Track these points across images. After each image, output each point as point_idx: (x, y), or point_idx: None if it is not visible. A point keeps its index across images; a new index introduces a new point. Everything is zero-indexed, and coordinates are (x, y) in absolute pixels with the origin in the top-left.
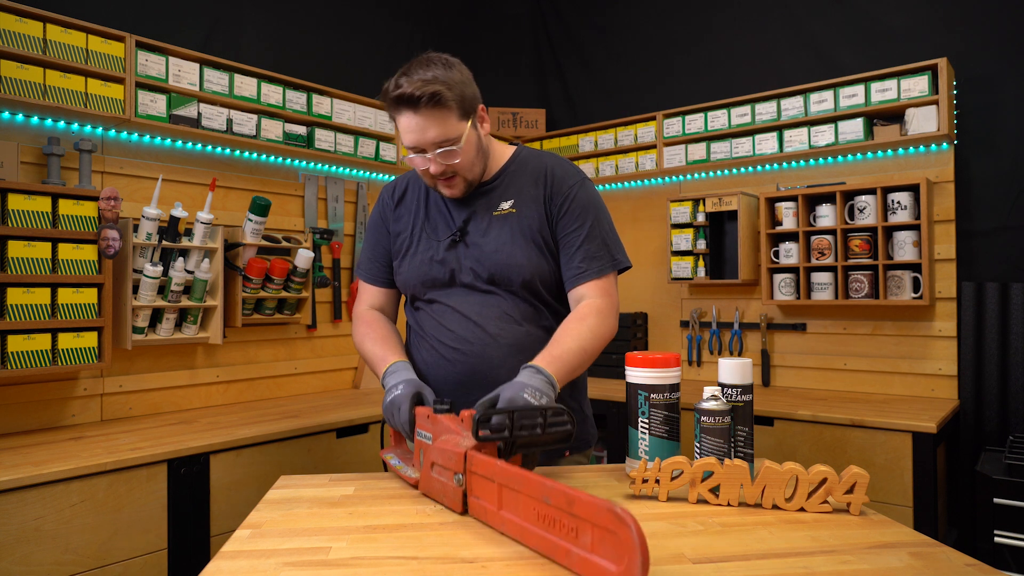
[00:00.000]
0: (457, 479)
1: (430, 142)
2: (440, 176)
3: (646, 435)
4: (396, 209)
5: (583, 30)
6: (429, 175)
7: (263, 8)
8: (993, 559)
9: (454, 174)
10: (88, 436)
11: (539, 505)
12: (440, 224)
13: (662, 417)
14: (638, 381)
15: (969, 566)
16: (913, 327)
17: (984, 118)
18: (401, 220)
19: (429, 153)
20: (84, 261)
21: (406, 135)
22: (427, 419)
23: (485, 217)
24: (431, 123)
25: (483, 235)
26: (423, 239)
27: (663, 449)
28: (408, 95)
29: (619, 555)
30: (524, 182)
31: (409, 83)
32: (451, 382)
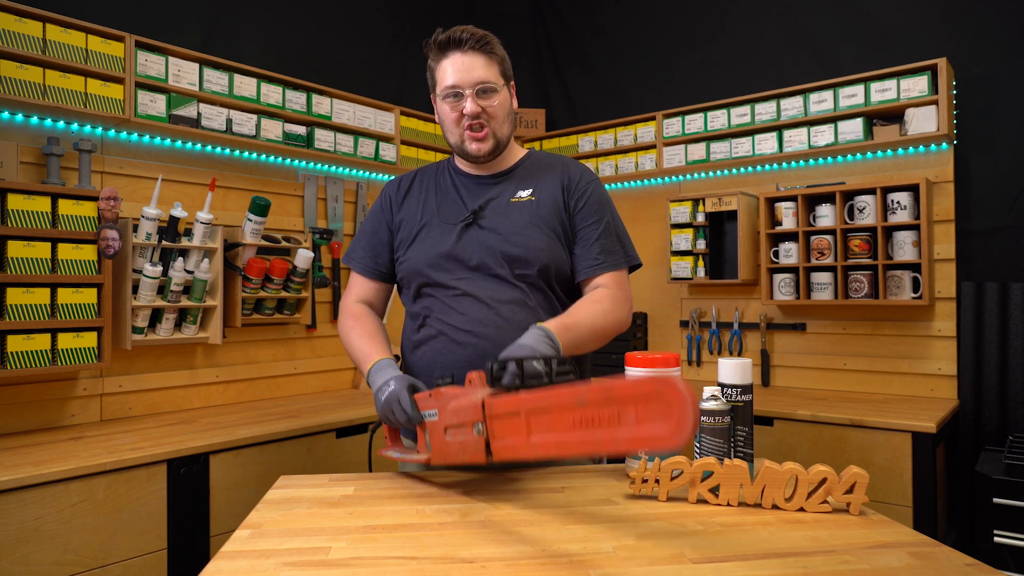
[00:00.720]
0: (477, 428)
1: (473, 81)
2: (474, 120)
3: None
4: (403, 201)
5: (583, 30)
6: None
7: (263, 8)
8: (993, 559)
9: (485, 124)
10: (88, 436)
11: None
12: (454, 210)
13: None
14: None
15: (969, 566)
16: (913, 327)
17: (984, 118)
18: (408, 209)
19: (468, 91)
20: (84, 261)
21: (449, 75)
22: (430, 397)
23: (502, 203)
24: (477, 64)
25: (501, 219)
26: (435, 224)
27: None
28: (459, 36)
29: (667, 415)
30: (541, 174)
31: (460, 29)
32: (461, 366)
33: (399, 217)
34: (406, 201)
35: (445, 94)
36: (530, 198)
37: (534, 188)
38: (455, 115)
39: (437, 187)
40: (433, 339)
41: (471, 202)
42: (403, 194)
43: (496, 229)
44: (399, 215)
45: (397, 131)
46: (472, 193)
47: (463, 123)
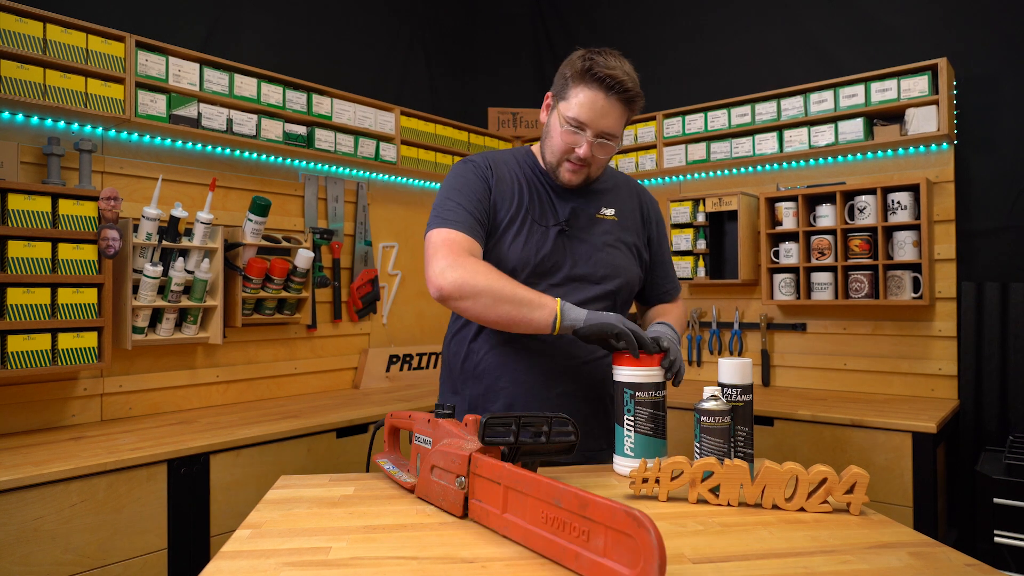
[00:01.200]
0: (459, 482)
1: (601, 129)
2: (582, 161)
3: (631, 432)
4: (497, 182)
5: (583, 30)
6: (570, 153)
7: (263, 8)
8: (993, 559)
9: (585, 165)
10: (88, 436)
11: (548, 508)
12: (545, 212)
13: (647, 415)
14: (624, 379)
15: (969, 566)
16: (913, 327)
17: (984, 118)
18: (500, 193)
19: (590, 136)
20: (84, 261)
21: (582, 109)
22: (427, 423)
23: (588, 216)
24: (614, 114)
25: (590, 232)
26: (527, 222)
27: (648, 447)
28: (620, 82)
29: (634, 559)
30: (619, 193)
31: (621, 70)
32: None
33: (494, 199)
34: (498, 185)
35: (570, 123)
36: (613, 217)
37: (616, 208)
38: (565, 145)
39: (524, 181)
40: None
41: (560, 208)
42: (494, 175)
43: (586, 241)
44: (494, 197)
45: (397, 131)
46: (560, 199)
47: (567, 155)
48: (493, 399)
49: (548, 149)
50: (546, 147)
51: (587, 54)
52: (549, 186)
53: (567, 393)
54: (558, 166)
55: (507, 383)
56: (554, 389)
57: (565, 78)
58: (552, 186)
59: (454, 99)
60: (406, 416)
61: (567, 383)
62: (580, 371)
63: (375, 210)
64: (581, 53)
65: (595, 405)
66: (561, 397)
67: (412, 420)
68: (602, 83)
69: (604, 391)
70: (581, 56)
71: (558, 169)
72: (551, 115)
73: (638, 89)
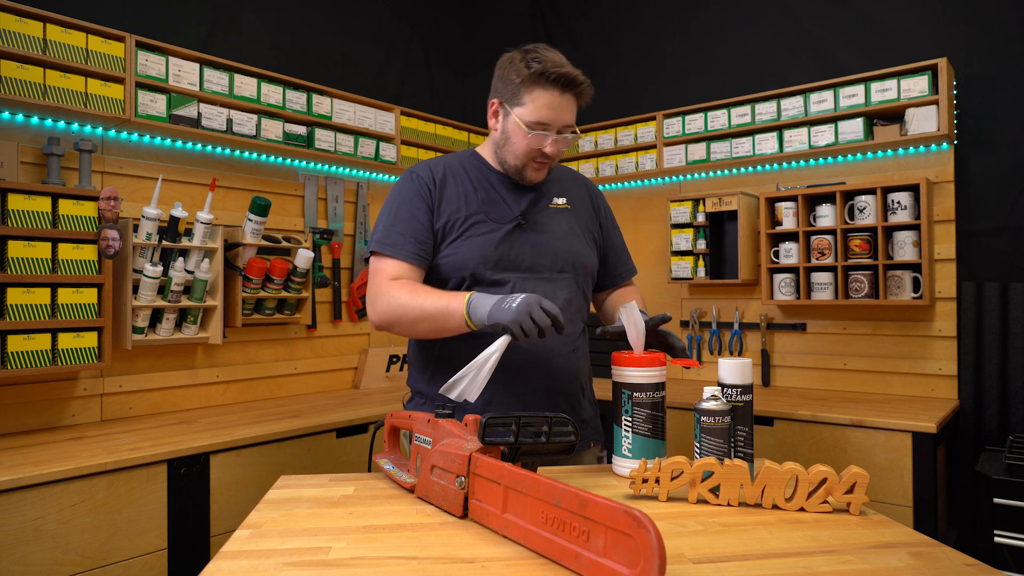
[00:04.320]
0: (459, 482)
1: (563, 123)
2: (551, 158)
3: (629, 433)
4: (443, 192)
5: (583, 29)
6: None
7: (263, 8)
8: (993, 559)
9: (552, 160)
10: (88, 436)
11: (548, 508)
12: (500, 208)
13: (645, 415)
14: (622, 380)
15: (969, 566)
16: (913, 327)
17: (984, 118)
18: (449, 200)
19: (553, 134)
20: (84, 261)
21: (544, 110)
22: (427, 423)
23: (542, 208)
24: (571, 108)
25: (545, 224)
26: (483, 221)
27: (646, 447)
28: (572, 77)
29: (634, 559)
30: (568, 184)
31: (568, 66)
32: (512, 367)
33: (442, 209)
34: (445, 191)
35: (533, 127)
36: (566, 205)
37: (567, 197)
38: (531, 148)
39: (472, 182)
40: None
41: (514, 203)
42: (439, 183)
43: (544, 232)
44: (442, 207)
45: (397, 131)
46: (512, 195)
47: (535, 156)
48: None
49: (510, 153)
50: (506, 152)
51: (528, 56)
52: (500, 184)
53: (544, 387)
54: (524, 167)
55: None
56: (531, 383)
57: (514, 83)
58: (503, 184)
59: (454, 99)
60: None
61: (543, 377)
62: (554, 364)
63: (375, 210)
64: (520, 55)
65: (568, 397)
66: (539, 391)
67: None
68: (557, 83)
69: (576, 382)
70: (522, 59)
71: (524, 170)
72: (505, 121)
73: (587, 79)
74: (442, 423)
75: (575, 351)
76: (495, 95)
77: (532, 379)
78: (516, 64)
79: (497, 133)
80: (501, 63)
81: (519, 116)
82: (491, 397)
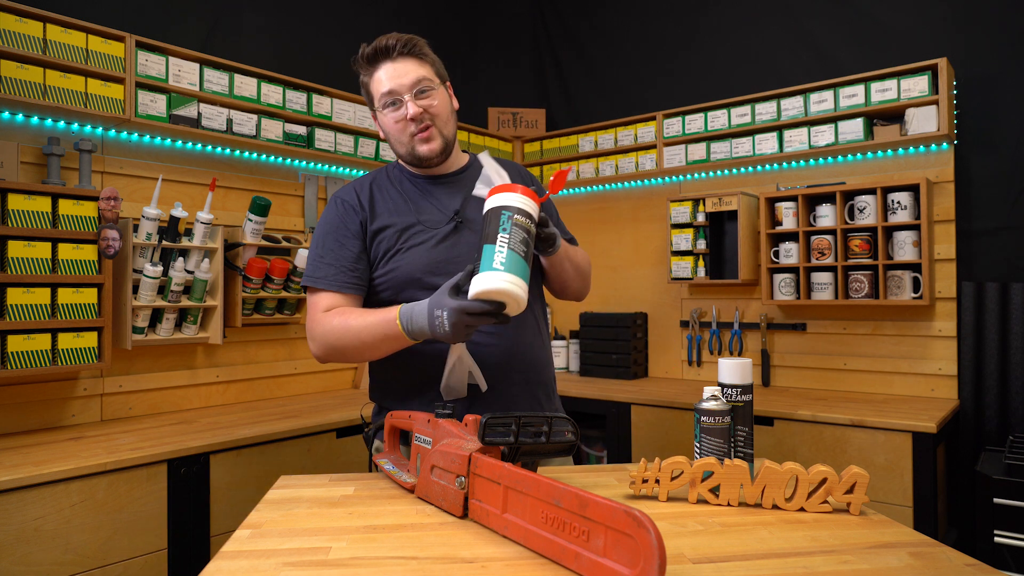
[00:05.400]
0: (459, 482)
1: (408, 85)
2: (418, 123)
3: (504, 249)
4: (372, 209)
5: (583, 30)
6: (405, 126)
7: (263, 8)
8: (993, 559)
9: (430, 124)
10: (88, 436)
11: (548, 508)
12: (433, 213)
13: (521, 237)
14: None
15: (969, 566)
16: (913, 327)
17: (984, 118)
18: (382, 218)
19: (407, 96)
20: (84, 261)
21: (383, 84)
22: (427, 423)
23: (475, 204)
24: (409, 68)
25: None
26: (419, 229)
27: (516, 265)
28: (385, 44)
29: (634, 559)
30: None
31: (385, 37)
32: (491, 365)
33: (373, 227)
34: (375, 210)
35: (384, 103)
36: None
37: None
38: (399, 123)
39: (402, 193)
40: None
41: (448, 203)
42: (368, 203)
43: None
44: (373, 225)
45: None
46: (443, 195)
47: (408, 128)
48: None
49: (396, 141)
50: (394, 144)
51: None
52: (429, 189)
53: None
54: (411, 145)
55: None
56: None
57: (365, 87)
58: (432, 188)
59: None
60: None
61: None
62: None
63: None
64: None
65: (545, 388)
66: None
67: (412, 420)
68: (379, 56)
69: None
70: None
71: (413, 149)
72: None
73: (412, 36)
74: (441, 423)
75: (541, 336)
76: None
77: (511, 374)
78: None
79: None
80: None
81: (379, 105)
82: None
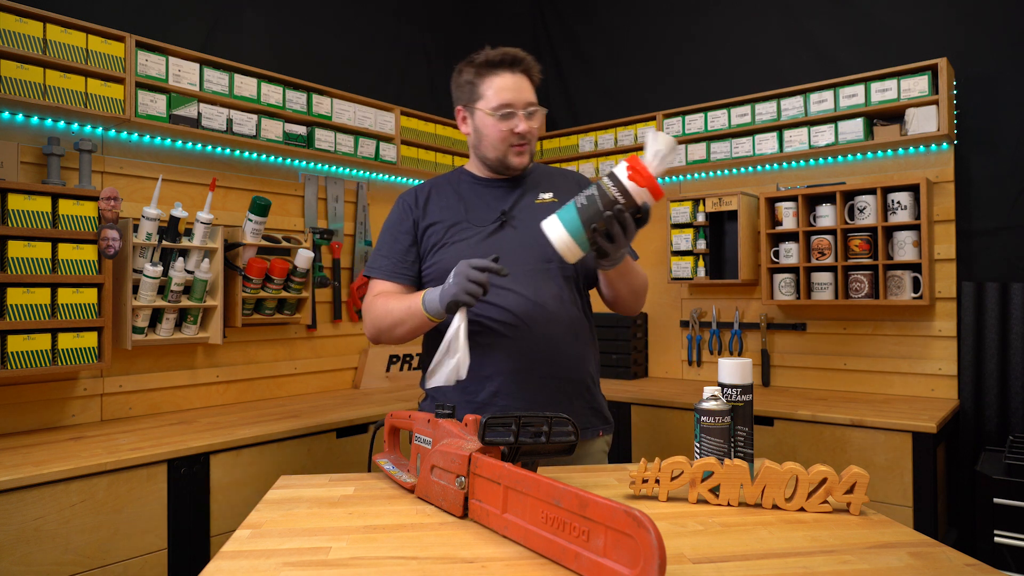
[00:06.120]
0: (459, 482)
1: (525, 101)
2: (524, 137)
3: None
4: (425, 208)
5: (583, 30)
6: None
7: (263, 8)
8: (993, 559)
9: (528, 141)
10: (88, 436)
11: (548, 508)
12: (483, 212)
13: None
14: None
15: (969, 566)
16: (913, 327)
17: (984, 118)
18: (433, 215)
19: (520, 111)
20: (84, 261)
21: (503, 93)
22: (427, 423)
23: (528, 205)
24: (526, 85)
25: (532, 219)
26: (465, 226)
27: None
28: (514, 55)
29: (634, 559)
30: (554, 179)
31: (512, 50)
32: (515, 359)
33: (424, 223)
34: (428, 208)
35: (500, 111)
36: (553, 199)
37: (554, 191)
38: (504, 132)
39: (458, 194)
40: (479, 335)
41: (498, 205)
42: (423, 202)
43: (528, 228)
44: (424, 221)
45: (397, 131)
46: (496, 197)
47: (510, 140)
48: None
49: (488, 147)
50: (485, 147)
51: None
52: (485, 190)
53: (551, 375)
54: (505, 156)
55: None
56: (536, 372)
57: (469, 84)
58: (488, 189)
59: None
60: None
61: (547, 365)
62: (559, 352)
63: (375, 210)
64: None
65: (577, 385)
66: (546, 380)
67: (412, 420)
68: (502, 65)
69: (584, 369)
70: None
71: (506, 158)
72: (473, 120)
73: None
74: (442, 423)
75: (577, 336)
76: (457, 103)
77: (538, 368)
78: (464, 69)
79: (471, 136)
80: (453, 77)
81: (483, 108)
82: (498, 388)
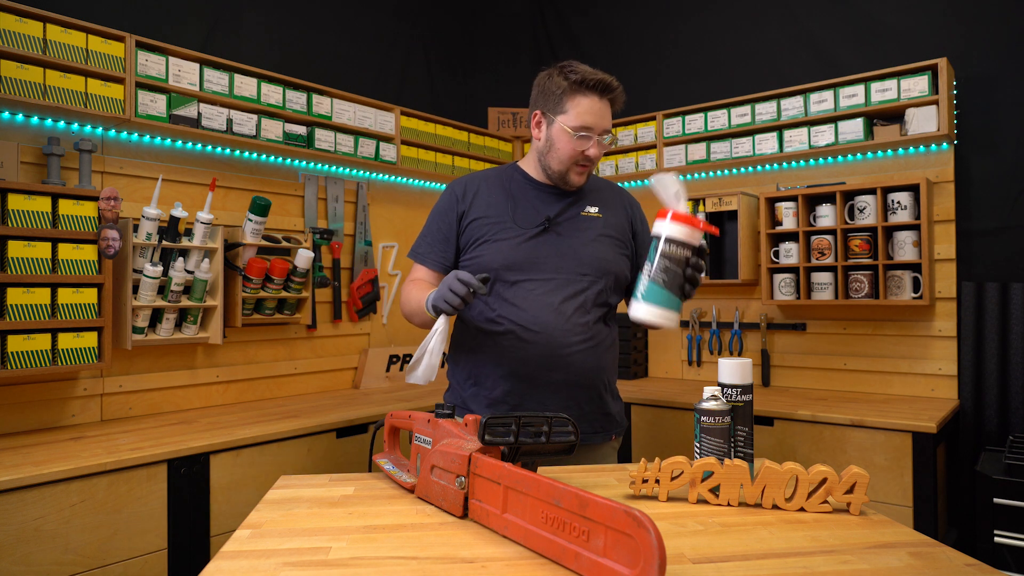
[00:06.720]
0: (459, 482)
1: (603, 128)
2: (591, 160)
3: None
4: (472, 201)
5: (583, 29)
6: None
7: (263, 8)
8: (993, 559)
9: (593, 163)
10: (88, 436)
11: (548, 508)
12: (529, 215)
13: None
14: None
15: (969, 566)
16: (913, 327)
17: (984, 118)
18: (479, 209)
19: (596, 136)
20: (84, 261)
21: (586, 116)
22: (427, 423)
23: (574, 215)
24: (607, 112)
25: (574, 230)
26: (510, 226)
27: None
28: (608, 83)
29: (634, 559)
30: (603, 193)
31: (608, 77)
32: (531, 362)
33: (470, 216)
34: (475, 201)
35: (580, 132)
36: (598, 214)
37: (600, 206)
38: (576, 152)
39: (508, 192)
40: (502, 335)
41: (544, 210)
42: (472, 195)
43: (569, 237)
44: (470, 214)
45: (397, 131)
46: (544, 202)
47: (578, 159)
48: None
49: (555, 159)
50: (551, 158)
51: (565, 70)
52: (534, 193)
53: (562, 381)
54: (568, 172)
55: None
56: (549, 376)
57: (556, 94)
58: (538, 193)
59: (454, 99)
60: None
61: (560, 371)
62: (571, 358)
63: (375, 210)
64: (557, 70)
65: (589, 391)
66: (557, 385)
67: (412, 420)
68: (595, 89)
69: (597, 377)
70: (559, 72)
71: (568, 174)
72: (549, 129)
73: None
74: (442, 423)
75: (595, 346)
76: (536, 107)
77: (549, 373)
78: (555, 78)
79: (541, 142)
80: (539, 79)
81: (563, 123)
82: (512, 387)
